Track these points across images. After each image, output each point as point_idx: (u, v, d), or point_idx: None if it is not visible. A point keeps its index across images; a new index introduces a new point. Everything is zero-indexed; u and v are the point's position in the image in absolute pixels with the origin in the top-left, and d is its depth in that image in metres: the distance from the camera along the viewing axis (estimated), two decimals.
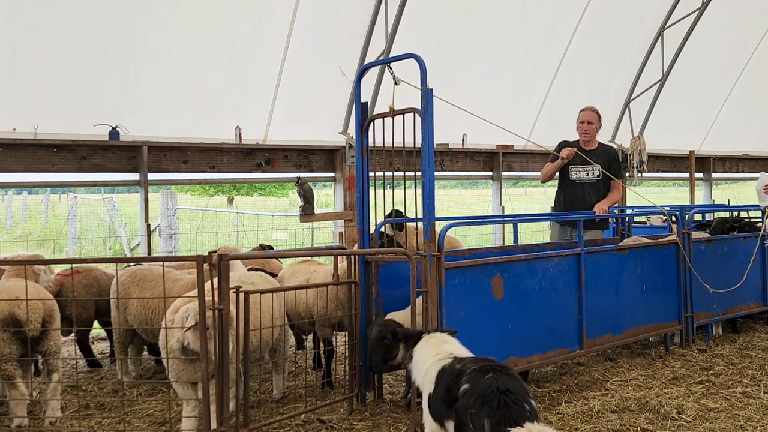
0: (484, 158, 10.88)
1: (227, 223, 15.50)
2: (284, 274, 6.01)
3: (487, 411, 2.98)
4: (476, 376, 3.17)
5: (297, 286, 5.18)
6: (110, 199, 16.46)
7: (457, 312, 4.59)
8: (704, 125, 13.19)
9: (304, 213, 8.87)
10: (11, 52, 7.09)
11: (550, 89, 10.88)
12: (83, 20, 7.27)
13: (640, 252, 6.03)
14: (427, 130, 4.50)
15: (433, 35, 9.52)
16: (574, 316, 5.42)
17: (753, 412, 4.70)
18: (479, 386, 3.10)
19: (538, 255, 5.26)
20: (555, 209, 6.94)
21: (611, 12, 10.73)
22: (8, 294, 4.38)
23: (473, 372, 3.22)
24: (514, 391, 3.06)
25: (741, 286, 6.72)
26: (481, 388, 3.08)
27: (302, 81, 8.82)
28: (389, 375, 5.59)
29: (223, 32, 8.12)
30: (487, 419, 2.96)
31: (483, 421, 2.97)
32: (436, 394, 3.44)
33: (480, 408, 3.00)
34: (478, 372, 3.20)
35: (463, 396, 3.12)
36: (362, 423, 4.60)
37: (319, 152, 9.32)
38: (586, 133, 6.67)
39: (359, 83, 5.23)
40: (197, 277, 3.88)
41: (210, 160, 8.50)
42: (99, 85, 7.60)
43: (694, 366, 5.82)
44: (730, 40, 12.19)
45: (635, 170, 11.56)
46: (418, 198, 4.59)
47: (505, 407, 2.97)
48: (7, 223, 18.77)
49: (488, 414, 2.97)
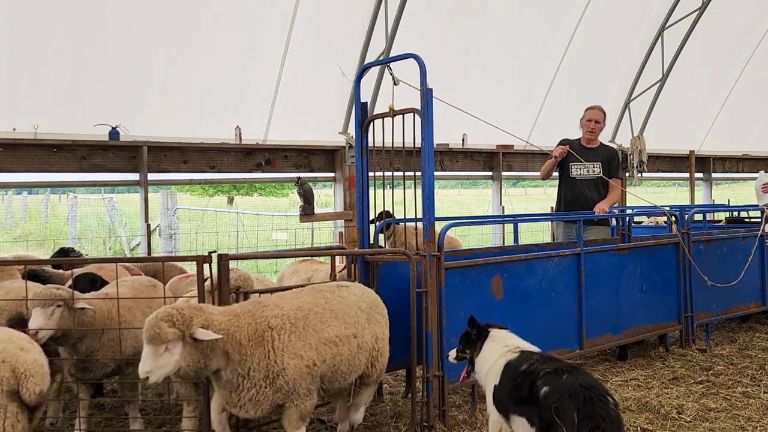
0: (484, 158, 10.88)
1: (227, 223, 15.50)
2: (285, 273, 6.03)
3: (575, 405, 3.01)
4: (553, 377, 3.21)
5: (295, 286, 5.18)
6: (110, 199, 16.47)
7: (457, 312, 4.59)
8: (704, 125, 13.19)
9: (304, 213, 8.87)
10: (11, 52, 7.10)
11: (550, 89, 10.88)
12: (83, 20, 7.27)
13: (640, 252, 6.03)
14: (426, 130, 4.50)
15: (433, 35, 9.52)
16: (574, 316, 5.42)
17: (753, 412, 4.70)
18: (561, 385, 3.13)
19: (538, 255, 5.27)
20: (557, 206, 6.96)
21: (611, 12, 10.73)
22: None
23: (548, 375, 3.24)
24: (596, 387, 3.13)
25: (741, 286, 6.73)
26: (563, 387, 3.12)
27: (302, 81, 8.82)
28: (389, 375, 5.60)
29: (224, 32, 8.12)
30: (576, 413, 2.99)
31: (572, 415, 2.99)
32: (502, 388, 3.51)
33: (566, 402, 3.03)
34: (554, 374, 3.23)
35: (545, 398, 3.13)
36: (362, 423, 4.60)
37: (319, 152, 9.32)
38: (592, 131, 6.69)
39: (359, 83, 5.23)
40: (197, 277, 3.89)
41: (210, 160, 8.50)
42: (99, 85, 7.60)
43: (694, 366, 5.83)
44: (730, 40, 12.20)
45: (635, 170, 11.56)
46: (417, 198, 4.59)
47: (590, 402, 3.01)
48: (7, 223, 18.78)
49: (575, 408, 3.00)
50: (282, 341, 3.49)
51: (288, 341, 3.51)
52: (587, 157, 6.58)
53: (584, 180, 6.65)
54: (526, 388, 3.28)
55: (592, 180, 6.63)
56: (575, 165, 6.65)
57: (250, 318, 3.50)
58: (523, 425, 3.30)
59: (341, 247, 7.27)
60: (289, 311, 3.63)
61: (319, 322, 3.69)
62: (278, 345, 3.48)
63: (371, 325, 4.00)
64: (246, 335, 3.42)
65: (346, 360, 3.76)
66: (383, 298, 4.92)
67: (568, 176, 6.72)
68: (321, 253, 5.86)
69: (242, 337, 3.41)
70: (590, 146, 6.73)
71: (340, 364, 3.73)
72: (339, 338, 3.73)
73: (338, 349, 3.71)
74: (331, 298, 3.88)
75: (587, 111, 6.79)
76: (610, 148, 7.06)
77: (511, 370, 3.49)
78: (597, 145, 6.79)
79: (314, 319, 3.68)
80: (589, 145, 6.73)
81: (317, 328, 3.66)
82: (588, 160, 6.56)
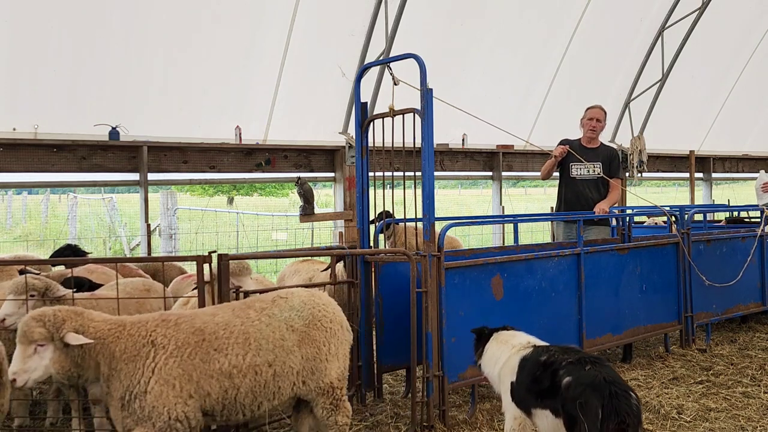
0: (484, 158, 10.88)
1: (227, 223, 15.50)
2: (286, 273, 6.03)
3: (599, 400, 3.00)
4: (576, 368, 3.19)
5: (294, 286, 5.19)
6: (110, 199, 16.47)
7: (457, 312, 4.59)
8: (704, 125, 13.19)
9: (304, 213, 8.87)
10: (11, 52, 7.10)
11: (550, 89, 10.88)
12: (83, 20, 7.27)
13: (640, 252, 6.03)
14: (426, 130, 4.50)
15: (433, 35, 9.52)
16: (574, 316, 5.42)
17: (753, 412, 4.70)
18: (584, 377, 3.12)
19: (538, 255, 5.26)
20: (557, 206, 6.97)
21: (611, 12, 10.74)
22: None
23: (571, 365, 3.23)
24: (620, 382, 3.12)
25: (741, 286, 6.73)
26: (587, 379, 3.10)
27: (302, 81, 8.82)
28: (389, 375, 5.60)
29: (224, 32, 8.12)
30: (601, 409, 2.98)
31: (596, 410, 2.99)
32: (520, 383, 3.49)
33: (591, 397, 3.02)
34: (576, 364, 3.22)
35: (568, 389, 3.12)
36: (362, 423, 4.60)
37: (319, 152, 9.32)
38: (594, 130, 6.70)
39: (359, 83, 5.24)
40: (197, 277, 3.89)
41: (210, 160, 8.50)
42: (99, 85, 7.60)
43: (694, 366, 5.83)
44: (730, 40, 12.20)
45: (635, 170, 11.57)
46: (417, 198, 4.59)
47: (616, 397, 3.00)
48: (7, 223, 18.78)
49: (600, 403, 2.99)
50: (157, 362, 3.14)
51: (164, 364, 3.14)
52: (587, 157, 6.58)
53: (584, 180, 6.65)
54: (548, 380, 3.26)
55: (593, 180, 6.63)
56: (575, 165, 6.65)
57: (136, 330, 3.22)
58: (546, 417, 3.27)
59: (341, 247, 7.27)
60: (184, 332, 3.25)
61: (214, 351, 3.25)
62: (150, 364, 3.14)
63: (303, 347, 3.52)
64: (122, 348, 3.16)
65: (249, 391, 3.32)
66: (383, 298, 4.95)
67: (568, 176, 6.72)
68: (321, 253, 5.86)
69: (117, 349, 3.16)
70: (590, 146, 6.73)
71: (239, 397, 3.30)
72: (238, 369, 3.28)
73: (233, 381, 3.26)
74: (254, 318, 3.44)
75: (588, 110, 6.79)
76: (610, 148, 7.06)
77: (529, 364, 3.47)
78: (597, 145, 6.79)
79: (208, 347, 3.25)
80: (590, 145, 6.74)
81: (206, 358, 3.23)
82: (588, 160, 6.57)
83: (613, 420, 2.95)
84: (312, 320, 3.60)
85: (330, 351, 3.64)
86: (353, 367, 4.85)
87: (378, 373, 5.06)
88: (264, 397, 3.38)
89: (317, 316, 3.63)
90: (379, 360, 5.00)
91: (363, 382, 4.91)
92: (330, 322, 3.67)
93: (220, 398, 3.25)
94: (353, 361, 4.84)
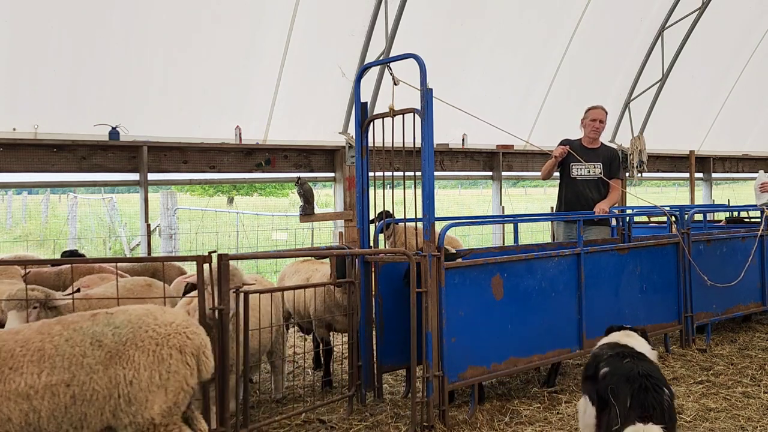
0: (484, 158, 10.88)
1: (227, 223, 15.50)
2: (286, 273, 6.03)
3: (630, 390, 3.11)
4: (614, 360, 3.34)
5: (294, 286, 5.20)
6: (110, 199, 16.47)
7: (457, 312, 4.59)
8: (704, 125, 13.19)
9: (304, 213, 8.88)
10: (11, 52, 7.10)
11: (550, 89, 10.89)
12: (83, 20, 7.27)
13: (640, 252, 6.03)
14: (426, 130, 4.50)
15: (433, 35, 9.52)
16: (574, 316, 5.42)
17: (753, 412, 4.70)
18: (620, 368, 3.25)
19: (538, 255, 5.26)
20: (557, 206, 6.97)
21: (611, 12, 10.74)
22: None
23: (611, 358, 3.38)
24: (654, 376, 3.20)
25: (741, 286, 6.73)
26: (622, 370, 3.23)
27: (302, 81, 8.82)
28: (389, 375, 5.60)
29: (224, 32, 8.12)
30: (629, 398, 3.09)
31: (625, 399, 3.09)
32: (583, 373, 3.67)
33: (623, 386, 3.14)
34: (615, 357, 3.36)
35: (603, 378, 3.27)
36: (362, 423, 4.60)
37: (319, 152, 9.32)
38: (596, 130, 6.70)
39: (359, 83, 5.24)
40: (197, 277, 3.88)
41: (210, 160, 8.50)
42: (99, 85, 7.60)
43: (694, 366, 5.83)
44: (730, 40, 12.20)
45: (635, 170, 11.57)
46: (417, 198, 4.59)
47: (645, 390, 3.09)
48: (7, 223, 18.78)
49: (630, 393, 3.10)
50: None
51: None
52: (588, 157, 6.58)
53: (585, 180, 6.65)
54: (592, 369, 3.44)
55: (593, 180, 6.63)
56: (576, 165, 6.65)
57: None
58: (585, 401, 3.48)
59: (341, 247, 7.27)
60: None
61: (9, 370, 2.98)
62: None
63: (113, 367, 3.06)
64: None
65: (51, 416, 2.99)
66: (383, 298, 4.95)
67: (568, 176, 6.72)
68: (321, 253, 5.85)
69: None
70: (591, 146, 6.73)
71: (41, 422, 2.98)
72: (35, 390, 2.96)
73: (32, 404, 2.96)
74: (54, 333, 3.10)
75: (590, 111, 6.78)
76: (610, 148, 7.06)
77: (590, 357, 3.66)
78: (598, 146, 6.79)
79: (2, 366, 2.98)
80: (590, 146, 6.74)
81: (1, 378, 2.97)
82: (589, 161, 6.56)
83: (639, 411, 3.04)
84: (132, 339, 3.12)
85: (153, 379, 3.10)
86: (353, 367, 4.87)
87: (378, 373, 5.06)
88: (69, 424, 3.02)
89: (141, 337, 3.14)
90: (379, 360, 5.00)
91: (363, 382, 4.91)
92: (158, 346, 3.14)
93: (23, 423, 2.96)
94: (353, 361, 4.86)
